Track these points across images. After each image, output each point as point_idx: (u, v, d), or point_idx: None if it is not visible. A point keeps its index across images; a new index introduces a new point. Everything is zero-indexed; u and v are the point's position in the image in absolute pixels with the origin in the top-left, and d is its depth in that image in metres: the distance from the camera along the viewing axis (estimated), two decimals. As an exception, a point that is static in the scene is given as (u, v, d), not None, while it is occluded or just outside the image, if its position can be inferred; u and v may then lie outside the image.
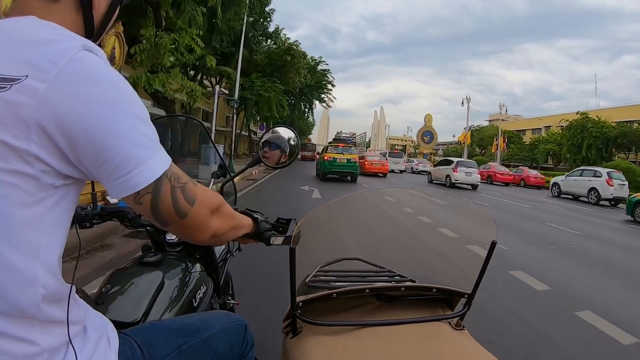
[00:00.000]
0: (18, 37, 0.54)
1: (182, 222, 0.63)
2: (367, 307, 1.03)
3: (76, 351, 0.60)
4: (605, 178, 14.69)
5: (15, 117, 0.50)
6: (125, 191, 0.56)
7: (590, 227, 8.69)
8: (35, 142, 0.51)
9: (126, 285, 1.01)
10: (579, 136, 31.27)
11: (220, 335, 0.87)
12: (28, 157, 0.51)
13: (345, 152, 16.19)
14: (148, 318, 0.93)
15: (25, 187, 0.52)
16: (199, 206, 0.65)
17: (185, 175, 0.64)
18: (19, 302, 0.53)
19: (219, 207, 0.71)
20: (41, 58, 0.51)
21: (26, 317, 0.54)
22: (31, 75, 0.50)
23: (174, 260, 1.18)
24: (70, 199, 0.58)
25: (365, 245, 1.44)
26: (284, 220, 0.96)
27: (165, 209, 0.60)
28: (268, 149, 1.10)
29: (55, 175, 0.54)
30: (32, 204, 0.53)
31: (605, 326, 2.98)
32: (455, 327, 0.99)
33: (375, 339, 0.91)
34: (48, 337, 0.56)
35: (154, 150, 0.58)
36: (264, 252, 1.28)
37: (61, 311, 0.59)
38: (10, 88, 0.50)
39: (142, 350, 0.72)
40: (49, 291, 0.55)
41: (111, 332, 0.69)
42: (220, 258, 1.43)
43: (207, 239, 0.70)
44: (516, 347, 2.53)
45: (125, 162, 0.55)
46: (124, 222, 1.17)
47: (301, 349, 0.89)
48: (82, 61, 0.53)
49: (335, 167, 15.60)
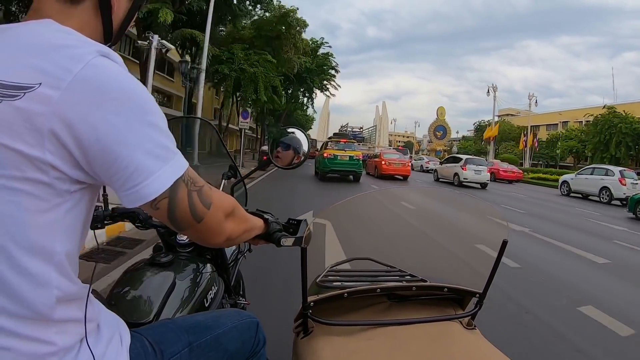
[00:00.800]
0: (32, 43, 0.53)
1: (199, 226, 0.63)
2: (378, 307, 1.03)
3: (91, 349, 0.60)
4: (617, 177, 14.25)
5: (29, 126, 0.49)
6: (138, 201, 0.56)
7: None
8: (49, 150, 0.50)
9: (138, 285, 1.01)
10: (607, 132, 28.60)
11: (232, 333, 0.87)
12: (43, 165, 0.51)
13: (347, 149, 14.36)
14: (160, 318, 0.93)
15: (40, 195, 0.52)
16: (215, 210, 0.64)
17: (201, 179, 0.63)
18: (34, 304, 0.53)
19: (233, 211, 0.71)
20: (55, 65, 0.51)
21: (42, 319, 0.54)
22: (45, 82, 0.50)
23: (185, 261, 1.19)
24: (85, 202, 0.58)
25: (375, 244, 1.44)
26: (295, 221, 0.96)
27: (182, 213, 0.60)
28: (281, 149, 1.10)
29: (70, 182, 0.54)
30: (46, 210, 0.53)
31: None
32: (467, 327, 0.99)
33: (386, 340, 0.91)
34: (63, 337, 0.57)
35: (167, 159, 0.57)
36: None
37: (76, 311, 0.59)
38: (24, 96, 0.49)
39: (153, 348, 0.72)
40: (63, 292, 0.56)
41: (123, 330, 0.70)
42: (231, 258, 1.44)
43: (222, 242, 0.70)
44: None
45: (137, 172, 0.54)
46: (135, 222, 1.18)
47: (312, 349, 0.89)
48: (97, 67, 0.53)
49: (336, 165, 13.96)
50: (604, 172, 15.14)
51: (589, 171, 16.10)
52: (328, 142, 15.38)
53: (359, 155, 14.55)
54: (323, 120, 62.89)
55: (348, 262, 1.22)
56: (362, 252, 1.28)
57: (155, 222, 1.17)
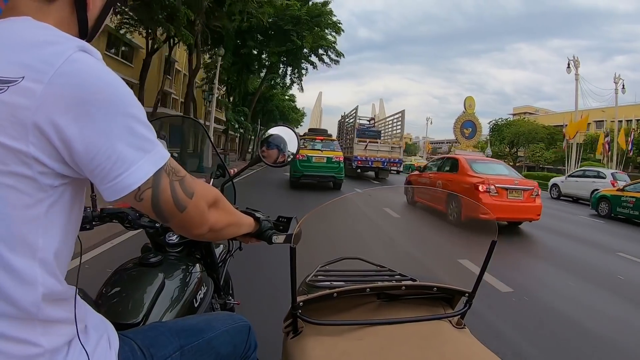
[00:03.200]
0: (13, 39, 0.54)
1: (182, 215, 0.63)
2: (368, 306, 1.03)
3: (77, 351, 0.60)
4: (609, 179, 13.90)
5: (13, 119, 0.50)
6: (121, 192, 0.56)
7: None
8: (33, 143, 0.51)
9: (126, 286, 1.00)
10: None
11: (223, 337, 0.87)
12: (26, 159, 0.51)
13: (325, 148, 11.59)
14: (149, 319, 0.93)
15: (23, 189, 0.52)
16: (197, 199, 0.65)
17: (183, 170, 0.64)
18: (19, 302, 0.53)
19: (216, 201, 0.72)
20: (37, 60, 0.51)
21: (28, 318, 0.54)
22: (28, 76, 0.50)
23: (175, 261, 1.18)
24: (69, 198, 0.58)
25: (364, 244, 1.44)
26: (285, 219, 0.96)
27: (165, 203, 0.60)
28: (266, 148, 1.10)
29: (54, 176, 0.54)
30: (30, 205, 0.53)
31: None
32: (457, 326, 0.99)
33: (376, 339, 0.91)
34: (50, 338, 0.56)
35: (148, 150, 0.57)
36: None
37: (63, 311, 0.59)
38: (7, 90, 0.50)
39: (143, 352, 0.72)
40: (49, 290, 0.56)
41: (111, 332, 0.69)
42: (220, 258, 1.43)
43: (205, 233, 0.70)
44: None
45: (119, 163, 0.55)
46: (124, 223, 1.17)
47: (302, 349, 0.89)
48: (78, 62, 0.53)
49: (311, 169, 11.16)
50: (596, 174, 14.86)
51: (580, 173, 15.92)
52: (301, 139, 12.08)
53: (339, 157, 11.64)
54: (315, 118, 57.61)
55: (338, 262, 1.22)
56: (351, 252, 1.28)
57: (144, 223, 1.16)
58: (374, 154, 16.14)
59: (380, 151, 16.46)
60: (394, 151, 16.77)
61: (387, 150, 16.62)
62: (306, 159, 11.11)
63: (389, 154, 16.51)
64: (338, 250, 1.28)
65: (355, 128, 17.65)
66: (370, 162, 16.09)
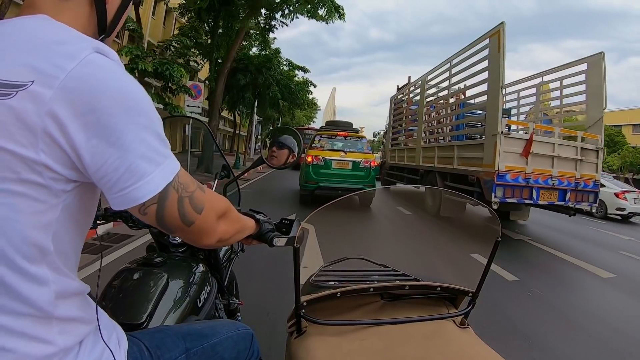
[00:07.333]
0: (25, 40, 0.52)
1: (189, 229, 0.62)
2: (372, 306, 1.03)
3: (88, 350, 0.60)
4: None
5: (22, 125, 0.48)
6: (126, 204, 0.54)
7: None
8: (43, 150, 0.49)
9: (131, 286, 1.01)
10: None
11: (228, 342, 0.87)
12: (37, 166, 0.49)
13: (350, 149, 7.83)
14: (153, 319, 0.93)
15: (35, 196, 0.51)
16: (207, 213, 0.63)
17: (193, 182, 0.62)
18: (34, 302, 0.53)
19: (225, 212, 0.70)
20: (48, 62, 0.49)
21: (44, 316, 0.54)
22: (37, 80, 0.49)
23: (178, 261, 1.18)
24: (83, 198, 0.57)
25: (368, 244, 1.44)
26: (287, 221, 0.96)
27: (171, 219, 0.59)
28: (277, 148, 1.11)
29: (65, 182, 0.53)
30: (42, 211, 0.52)
31: None
32: (460, 326, 0.99)
33: (380, 339, 0.91)
34: (64, 337, 0.56)
35: (158, 163, 0.55)
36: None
37: (77, 310, 0.59)
38: (16, 95, 0.48)
39: (150, 353, 0.72)
40: (63, 289, 0.56)
41: (120, 332, 0.70)
42: (224, 258, 1.43)
43: (213, 244, 0.70)
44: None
45: (127, 175, 0.53)
46: (128, 222, 1.18)
47: (306, 349, 0.89)
48: (91, 65, 0.51)
49: (330, 178, 7.43)
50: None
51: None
52: (316, 136, 8.45)
53: (370, 161, 7.69)
54: (329, 115, 52.64)
55: (341, 262, 1.22)
56: (354, 252, 1.28)
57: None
58: (547, 169, 5.73)
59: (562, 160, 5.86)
60: (586, 162, 6.04)
61: (571, 160, 5.94)
62: (323, 164, 7.52)
63: (575, 168, 5.96)
64: (343, 250, 1.28)
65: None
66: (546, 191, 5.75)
